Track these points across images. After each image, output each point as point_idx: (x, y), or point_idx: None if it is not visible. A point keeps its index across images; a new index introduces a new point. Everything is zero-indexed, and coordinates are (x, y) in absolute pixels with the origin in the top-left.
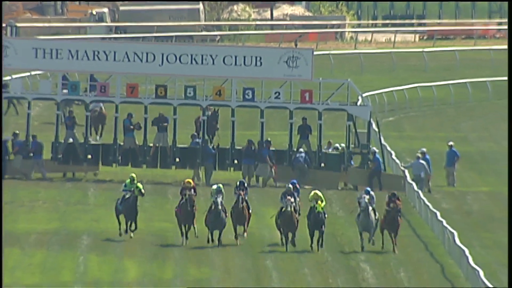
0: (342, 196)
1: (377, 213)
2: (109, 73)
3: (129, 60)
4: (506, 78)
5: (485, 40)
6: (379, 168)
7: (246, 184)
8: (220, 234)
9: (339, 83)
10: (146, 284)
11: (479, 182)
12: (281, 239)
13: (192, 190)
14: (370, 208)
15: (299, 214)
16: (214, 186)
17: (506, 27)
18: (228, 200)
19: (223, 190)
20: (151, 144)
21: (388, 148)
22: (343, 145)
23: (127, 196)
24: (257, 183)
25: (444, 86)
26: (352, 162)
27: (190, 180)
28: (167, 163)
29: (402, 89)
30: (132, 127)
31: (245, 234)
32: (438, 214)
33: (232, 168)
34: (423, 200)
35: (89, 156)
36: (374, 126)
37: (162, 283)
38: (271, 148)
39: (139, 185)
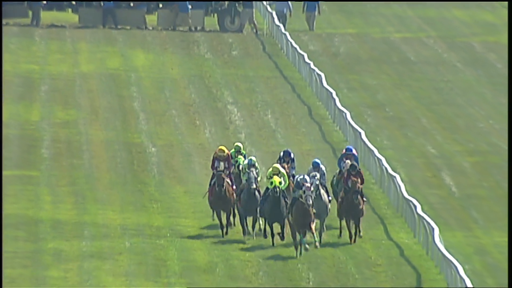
0: (210, 37)
1: (329, 194)
2: None
3: None
4: None
5: None
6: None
7: (292, 155)
8: (254, 221)
9: None
10: (13, 125)
11: (346, 24)
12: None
13: (226, 163)
14: (322, 190)
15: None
16: (246, 160)
17: None
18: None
19: (257, 164)
20: None
21: None
22: None
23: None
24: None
25: None
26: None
27: (224, 148)
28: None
29: None
30: None
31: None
32: (306, 56)
33: (70, 10)
34: (291, 42)
35: None
36: None
37: (29, 124)
38: None
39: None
